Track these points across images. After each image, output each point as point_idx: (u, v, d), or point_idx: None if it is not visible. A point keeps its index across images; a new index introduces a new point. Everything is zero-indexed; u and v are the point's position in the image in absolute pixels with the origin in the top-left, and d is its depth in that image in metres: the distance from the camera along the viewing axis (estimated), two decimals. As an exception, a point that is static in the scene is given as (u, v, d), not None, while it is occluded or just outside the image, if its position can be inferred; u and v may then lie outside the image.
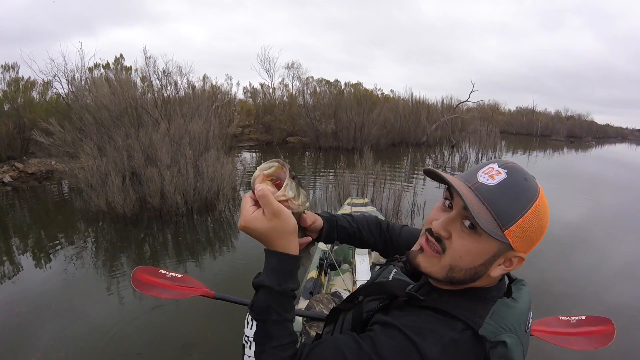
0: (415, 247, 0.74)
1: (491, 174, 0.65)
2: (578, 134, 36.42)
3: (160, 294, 1.70)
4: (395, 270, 0.88)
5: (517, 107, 39.95)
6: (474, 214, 0.61)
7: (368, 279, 1.97)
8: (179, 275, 1.76)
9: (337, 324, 0.87)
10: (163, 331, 2.99)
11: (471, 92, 19.36)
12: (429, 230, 0.71)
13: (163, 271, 1.77)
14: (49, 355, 2.70)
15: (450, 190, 0.69)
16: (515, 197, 0.62)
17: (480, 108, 28.57)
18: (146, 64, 8.06)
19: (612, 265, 4.65)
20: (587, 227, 6.33)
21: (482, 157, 14.46)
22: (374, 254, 2.80)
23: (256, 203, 0.69)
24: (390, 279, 0.85)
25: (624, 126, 59.23)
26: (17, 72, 10.26)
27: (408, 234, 1.06)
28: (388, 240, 1.06)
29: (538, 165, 14.45)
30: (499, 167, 0.66)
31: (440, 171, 0.70)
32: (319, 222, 0.92)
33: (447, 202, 0.71)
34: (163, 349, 2.79)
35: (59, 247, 4.74)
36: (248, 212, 0.68)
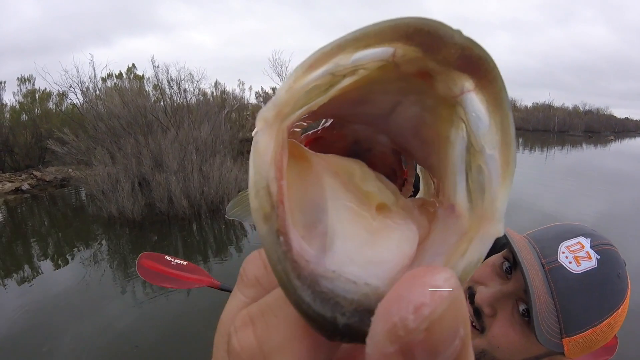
0: None
1: (578, 256, 0.50)
2: (596, 128, 35.41)
3: (166, 283, 1.69)
4: None
5: (533, 103, 39.24)
6: (535, 320, 0.47)
7: None
8: (185, 263, 1.76)
9: None
10: (174, 326, 3.08)
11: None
12: (471, 294, 0.56)
13: (168, 258, 1.77)
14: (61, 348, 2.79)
15: (514, 252, 0.53)
16: (598, 300, 0.49)
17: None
18: (155, 73, 8.23)
19: (630, 267, 4.47)
20: (606, 225, 6.10)
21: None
22: None
23: None
24: None
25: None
26: (33, 84, 10.65)
27: None
28: None
29: (556, 162, 14.08)
30: (590, 247, 0.51)
31: (510, 231, 0.54)
32: None
33: (506, 266, 0.55)
34: (174, 344, 2.85)
35: (75, 250, 4.90)
36: None
